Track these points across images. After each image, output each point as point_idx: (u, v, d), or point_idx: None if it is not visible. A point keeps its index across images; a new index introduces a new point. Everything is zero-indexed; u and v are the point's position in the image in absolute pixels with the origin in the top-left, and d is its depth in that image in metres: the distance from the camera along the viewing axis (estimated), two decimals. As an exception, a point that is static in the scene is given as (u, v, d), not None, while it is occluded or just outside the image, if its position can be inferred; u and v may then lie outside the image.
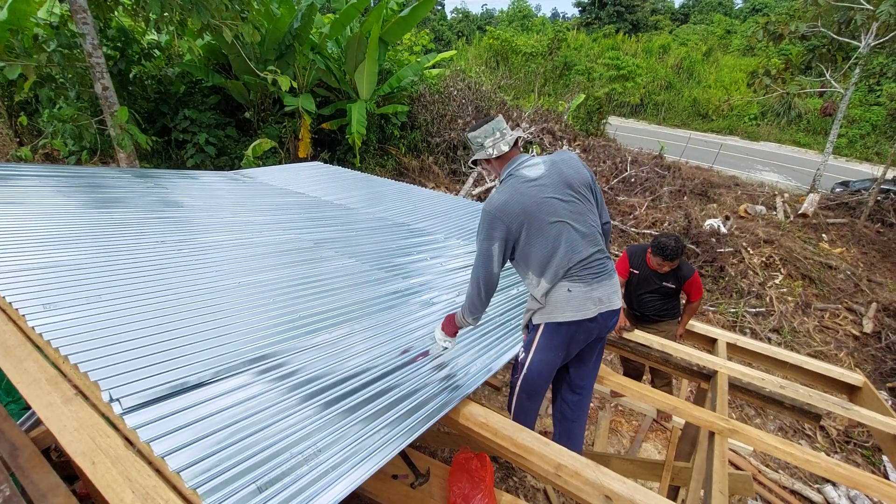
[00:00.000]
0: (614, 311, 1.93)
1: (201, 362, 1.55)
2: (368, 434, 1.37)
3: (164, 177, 4.72)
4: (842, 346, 7.84)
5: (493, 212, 1.85)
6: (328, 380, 1.59)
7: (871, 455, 5.87)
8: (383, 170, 10.41)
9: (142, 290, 2.01)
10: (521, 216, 1.82)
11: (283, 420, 1.36)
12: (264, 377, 1.54)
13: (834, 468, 1.56)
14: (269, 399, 1.43)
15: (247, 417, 1.34)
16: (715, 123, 27.87)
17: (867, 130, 23.94)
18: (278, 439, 1.28)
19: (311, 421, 1.38)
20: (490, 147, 1.97)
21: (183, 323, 1.78)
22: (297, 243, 3.12)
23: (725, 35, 34.68)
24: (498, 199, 1.87)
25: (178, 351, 1.59)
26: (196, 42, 9.14)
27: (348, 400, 1.51)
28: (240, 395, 1.43)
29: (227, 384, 1.47)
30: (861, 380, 2.52)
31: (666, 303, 3.16)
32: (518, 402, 2.07)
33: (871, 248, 11.12)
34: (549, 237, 1.83)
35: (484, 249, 1.87)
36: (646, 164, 12.88)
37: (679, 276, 3.06)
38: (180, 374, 1.47)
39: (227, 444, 1.23)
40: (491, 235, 1.85)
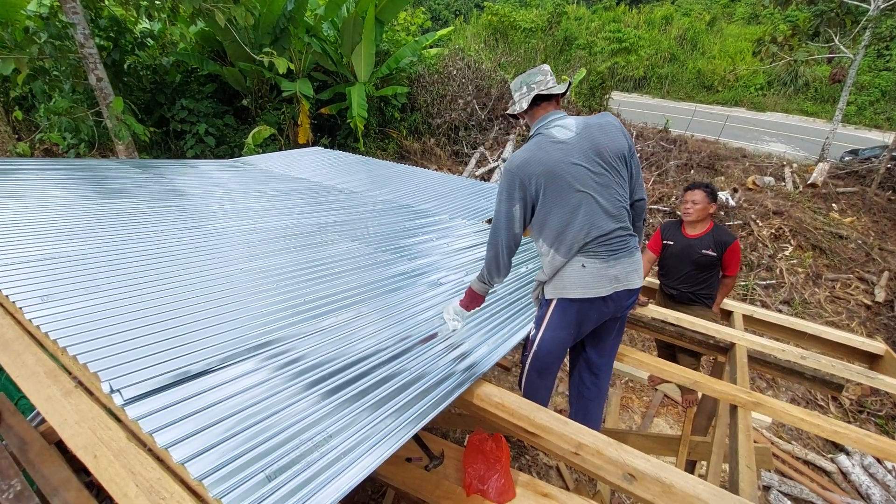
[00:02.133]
0: (632, 290, 1.83)
1: (204, 350, 1.50)
2: (379, 419, 1.32)
3: (164, 166, 4.65)
4: (854, 316, 7.76)
5: (513, 170, 1.76)
6: (335, 364, 1.54)
7: (885, 424, 5.84)
8: (384, 153, 10.28)
9: (142, 279, 1.96)
10: (541, 177, 1.73)
11: (290, 406, 1.31)
12: (269, 363, 1.49)
13: (864, 438, 1.50)
14: (274, 385, 1.39)
15: (253, 405, 1.29)
16: (720, 95, 27.27)
17: (877, 97, 23.36)
18: (286, 426, 1.23)
19: (319, 407, 1.33)
20: (517, 102, 1.88)
21: (185, 311, 1.73)
22: (300, 228, 3.06)
23: (729, 3, 33.69)
24: (519, 156, 1.78)
25: (180, 339, 1.54)
26: (189, 29, 8.96)
27: (357, 384, 1.46)
28: (244, 382, 1.38)
29: (232, 371, 1.42)
30: (883, 348, 2.45)
31: (703, 276, 2.95)
32: (528, 379, 2.01)
33: (882, 216, 10.91)
34: (568, 207, 1.72)
35: (505, 210, 1.79)
36: (651, 138, 12.65)
37: (719, 241, 2.89)
38: (182, 363, 1.42)
39: (232, 433, 1.18)
40: (512, 196, 1.77)
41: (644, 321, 2.70)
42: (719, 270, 2.98)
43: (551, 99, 1.88)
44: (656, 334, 2.73)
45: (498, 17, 23.69)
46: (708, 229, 2.94)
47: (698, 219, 2.92)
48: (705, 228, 2.95)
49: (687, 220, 2.97)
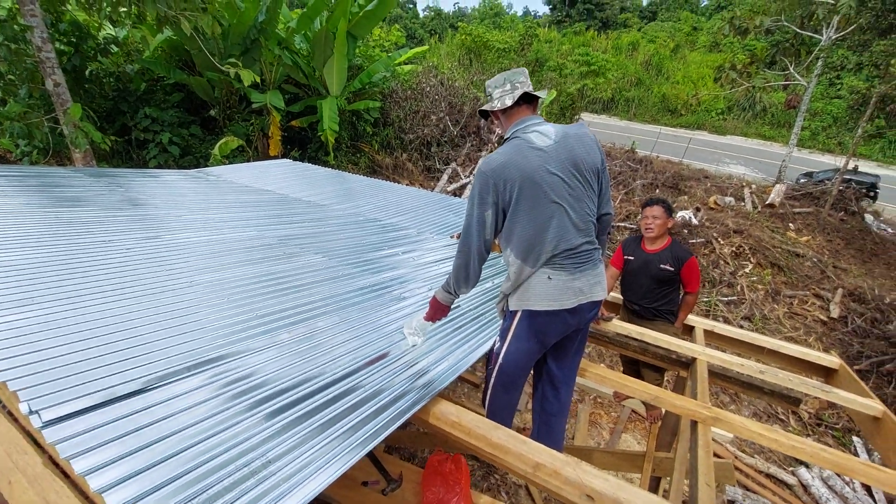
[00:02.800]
0: (596, 302, 1.82)
1: (141, 367, 1.39)
2: (326, 440, 1.23)
3: (122, 176, 4.46)
4: (811, 332, 8.04)
5: (488, 173, 1.69)
6: (283, 382, 1.45)
7: (842, 436, 6.02)
8: (356, 168, 10.21)
9: (81, 292, 1.82)
10: (516, 183, 1.66)
11: (229, 429, 1.22)
12: (211, 382, 1.38)
13: (819, 453, 1.51)
14: (214, 406, 1.29)
15: (188, 427, 1.19)
16: (684, 118, 28.46)
17: (829, 123, 24.83)
18: (222, 450, 1.14)
19: (261, 429, 1.24)
20: (497, 99, 1.82)
21: (124, 326, 1.61)
22: (260, 240, 2.95)
23: (692, 32, 35.49)
24: (496, 159, 1.71)
25: (116, 356, 1.43)
26: (157, 37, 8.76)
27: (305, 404, 1.37)
28: (182, 402, 1.28)
29: (169, 391, 1.31)
30: (837, 362, 2.51)
31: (662, 292, 2.99)
32: (493, 394, 1.95)
33: (835, 235, 11.48)
34: (541, 217, 1.68)
35: (477, 216, 1.72)
36: (619, 158, 13.02)
37: (676, 256, 2.94)
38: (115, 381, 1.31)
39: (161, 459, 1.08)
40: (484, 200, 1.70)
41: (608, 336, 2.70)
42: (679, 286, 3.03)
43: (532, 102, 1.85)
44: (620, 349, 2.73)
45: (472, 38, 24.19)
46: (666, 244, 3.00)
47: (659, 234, 2.98)
48: (664, 244, 3.01)
49: (648, 235, 3.02)
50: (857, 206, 13.29)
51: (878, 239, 12.07)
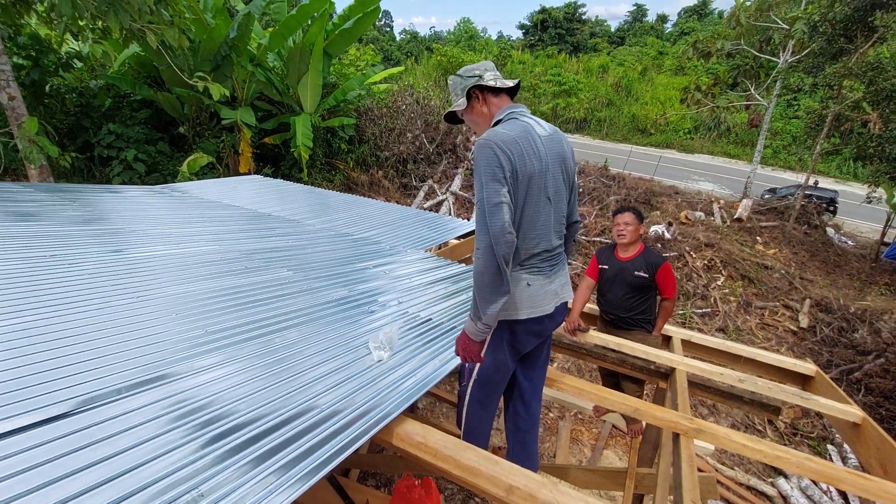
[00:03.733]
0: (565, 303, 1.75)
1: (76, 387, 1.24)
2: (270, 469, 1.09)
3: (79, 191, 4.24)
4: (782, 342, 8.18)
5: (499, 144, 1.43)
6: (228, 405, 1.31)
7: (817, 445, 6.06)
8: (331, 185, 10.08)
9: (21, 306, 1.66)
10: (525, 164, 1.45)
11: (161, 459, 1.07)
12: (148, 404, 1.23)
13: (805, 463, 1.45)
14: (150, 431, 1.14)
15: (111, 457, 1.04)
16: (653, 138, 29.38)
17: (788, 142, 26.00)
18: (150, 482, 0.99)
19: (197, 457, 1.10)
20: (491, 80, 1.63)
21: (64, 342, 1.46)
22: (223, 254, 2.79)
23: (658, 56, 36.98)
24: (503, 133, 1.47)
25: (51, 374, 1.27)
26: (123, 53, 8.56)
27: (251, 427, 1.22)
28: (114, 426, 1.13)
29: (101, 413, 1.16)
30: (813, 369, 2.49)
31: (639, 300, 2.96)
32: (470, 412, 1.82)
33: (800, 248, 11.85)
34: (532, 211, 1.51)
35: (491, 196, 1.40)
36: (592, 174, 13.24)
37: (649, 262, 2.92)
38: (48, 401, 1.16)
39: (86, 489, 0.93)
40: (496, 176, 1.41)
41: (586, 348, 2.62)
42: (654, 294, 3.00)
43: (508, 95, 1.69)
44: (599, 361, 2.65)
45: (447, 59, 24.56)
46: (639, 251, 3.00)
47: (632, 240, 2.97)
48: (637, 251, 3.00)
49: (621, 241, 3.01)
50: (819, 220, 13.81)
51: (839, 251, 12.52)
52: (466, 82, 1.65)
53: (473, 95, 1.65)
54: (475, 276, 1.45)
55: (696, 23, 41.99)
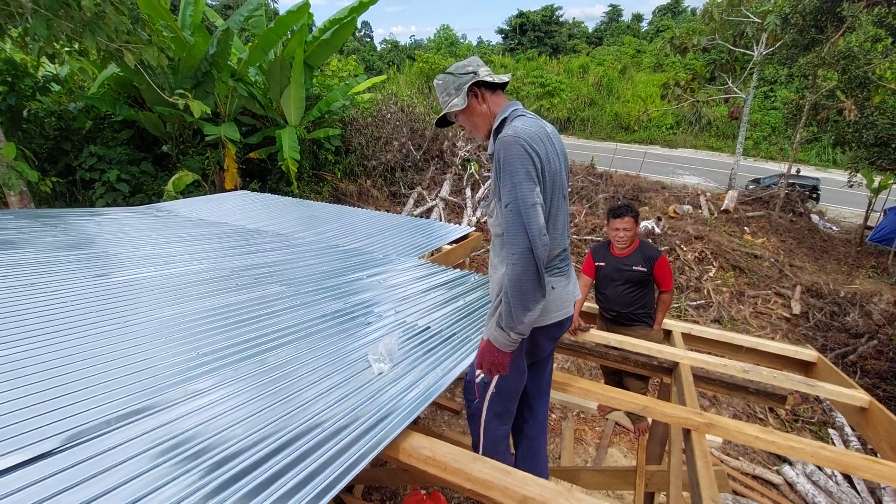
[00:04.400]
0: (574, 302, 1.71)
1: (60, 422, 1.17)
2: (269, 499, 1.03)
3: (61, 215, 4.13)
4: (776, 329, 8.25)
5: (528, 141, 1.34)
6: (224, 430, 1.25)
7: (819, 429, 6.09)
8: (319, 196, 10.00)
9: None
10: (548, 161, 1.39)
11: (157, 493, 1.01)
12: (139, 436, 1.17)
13: (820, 452, 1.42)
14: (142, 464, 1.08)
15: (108, 492, 0.98)
16: (637, 135, 29.72)
17: (768, 133, 26.46)
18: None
19: (190, 491, 1.04)
20: (488, 75, 1.52)
21: (47, 374, 1.39)
22: (211, 273, 2.73)
23: (637, 54, 37.50)
24: (526, 128, 1.38)
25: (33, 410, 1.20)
26: (102, 74, 8.43)
27: (249, 453, 1.17)
28: (104, 461, 1.06)
29: (89, 449, 1.10)
30: (814, 355, 2.48)
31: (638, 294, 2.94)
32: (488, 428, 1.66)
33: (787, 235, 12.01)
34: (552, 211, 1.45)
35: (526, 196, 1.31)
36: (580, 173, 13.32)
37: (646, 256, 2.91)
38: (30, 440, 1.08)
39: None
40: (530, 174, 1.33)
41: (587, 347, 2.59)
42: (653, 287, 2.99)
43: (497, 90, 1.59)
44: (601, 360, 2.63)
45: (429, 65, 24.68)
46: (635, 246, 2.98)
47: (629, 243, 2.95)
48: (633, 246, 2.98)
49: (619, 246, 2.98)
50: (804, 208, 14.03)
51: (825, 237, 12.71)
52: (461, 80, 1.53)
53: (472, 93, 1.53)
54: (512, 284, 1.35)
55: (670, 20, 42.68)
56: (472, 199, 10.55)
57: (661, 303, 2.97)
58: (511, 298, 1.35)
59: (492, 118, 1.55)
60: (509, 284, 1.35)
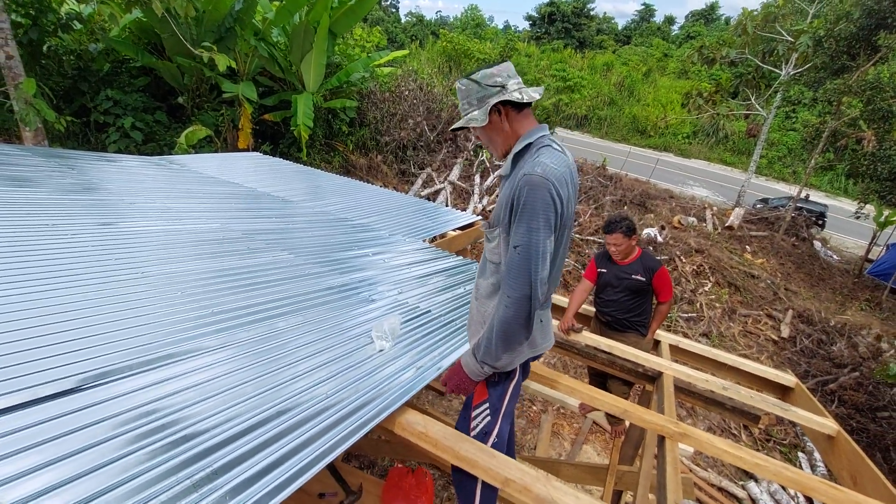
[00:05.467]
0: None
1: (73, 364, 1.25)
2: (277, 452, 1.13)
3: (76, 157, 4.18)
4: (763, 350, 8.38)
5: (556, 186, 1.27)
6: (232, 389, 1.34)
7: (789, 451, 6.27)
8: (329, 166, 10.01)
9: (14, 276, 1.65)
10: (569, 207, 1.35)
11: (180, 433, 1.10)
12: (152, 384, 1.26)
13: (782, 472, 1.52)
14: (152, 410, 1.17)
15: (121, 434, 1.07)
16: (652, 140, 29.51)
17: (784, 153, 26.28)
18: (160, 461, 1.03)
19: (215, 432, 1.13)
20: (515, 90, 1.36)
21: (61, 317, 1.46)
22: (224, 233, 2.80)
23: (663, 58, 36.96)
24: (554, 168, 1.29)
25: (47, 350, 1.29)
26: (125, 17, 8.35)
27: (254, 413, 1.26)
28: (117, 405, 1.15)
29: (103, 392, 1.18)
30: (794, 381, 2.58)
31: (635, 302, 3.04)
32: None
33: (787, 259, 12.07)
34: (563, 252, 1.44)
35: (540, 242, 1.27)
36: (590, 173, 13.30)
37: (647, 266, 3.01)
38: (42, 379, 1.17)
39: (90, 469, 0.96)
40: (549, 221, 1.27)
41: (577, 347, 2.69)
42: (651, 297, 3.09)
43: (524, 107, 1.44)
44: (588, 361, 2.73)
45: (453, 45, 24.34)
46: (636, 256, 3.08)
47: (625, 255, 3.06)
48: (634, 256, 3.09)
49: (615, 257, 3.09)
50: (808, 233, 14.05)
51: (825, 265, 12.78)
52: (486, 92, 1.38)
53: (495, 110, 1.39)
54: (501, 325, 1.32)
55: (702, 27, 41.94)
56: (481, 187, 10.56)
57: (657, 312, 3.07)
58: (495, 337, 1.34)
59: (514, 139, 1.42)
60: (498, 325, 1.33)
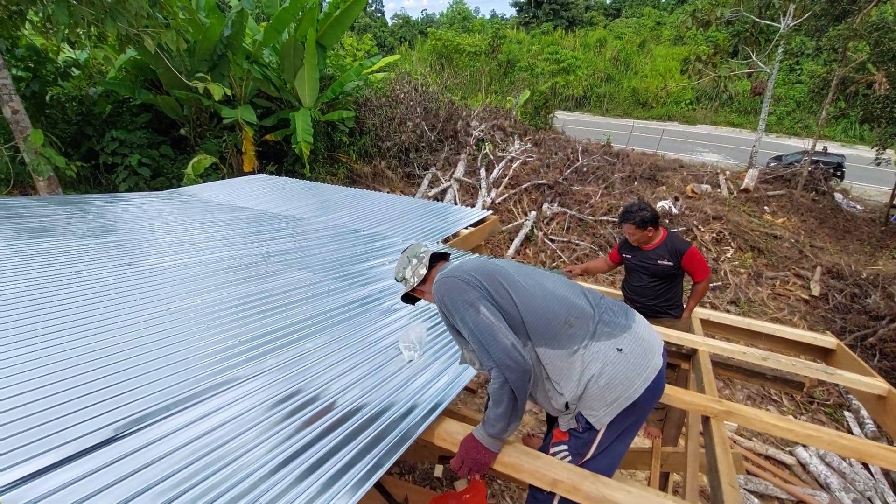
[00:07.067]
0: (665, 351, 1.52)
1: (110, 413, 1.27)
2: (321, 479, 1.13)
3: (91, 202, 4.28)
4: (794, 311, 8.18)
5: (451, 275, 1.42)
6: (281, 409, 1.34)
7: (834, 412, 6.11)
8: (334, 178, 10.06)
9: (44, 329, 1.69)
10: (485, 271, 1.43)
11: (213, 475, 1.11)
12: (191, 423, 1.27)
13: (837, 440, 1.47)
14: (194, 450, 1.17)
15: (166, 478, 1.08)
16: (655, 111, 29.01)
17: (792, 107, 25.60)
18: (208, 500, 1.03)
19: (251, 470, 1.14)
20: (412, 276, 1.60)
21: (92, 365, 1.49)
22: (241, 259, 2.82)
23: (656, 27, 36.26)
24: (446, 269, 1.50)
25: (82, 402, 1.30)
26: (120, 58, 8.50)
27: (299, 437, 1.26)
28: (157, 449, 1.16)
29: (142, 437, 1.20)
30: (834, 342, 2.50)
31: (664, 287, 2.94)
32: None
33: (809, 215, 11.76)
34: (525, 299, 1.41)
35: (475, 322, 1.30)
36: (595, 153, 13.13)
37: (673, 249, 2.89)
38: (82, 431, 1.18)
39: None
40: (468, 301, 1.33)
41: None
42: (681, 280, 2.99)
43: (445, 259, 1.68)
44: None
45: (442, 42, 24.24)
46: (661, 240, 2.96)
47: (643, 241, 2.95)
48: (659, 240, 2.96)
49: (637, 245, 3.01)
50: (827, 186, 13.67)
51: (848, 216, 12.42)
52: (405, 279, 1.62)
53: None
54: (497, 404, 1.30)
55: (693, -11, 41.02)
56: (487, 180, 10.51)
57: (694, 292, 2.93)
58: (502, 411, 1.29)
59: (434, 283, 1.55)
60: (492, 397, 1.31)
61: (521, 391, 1.26)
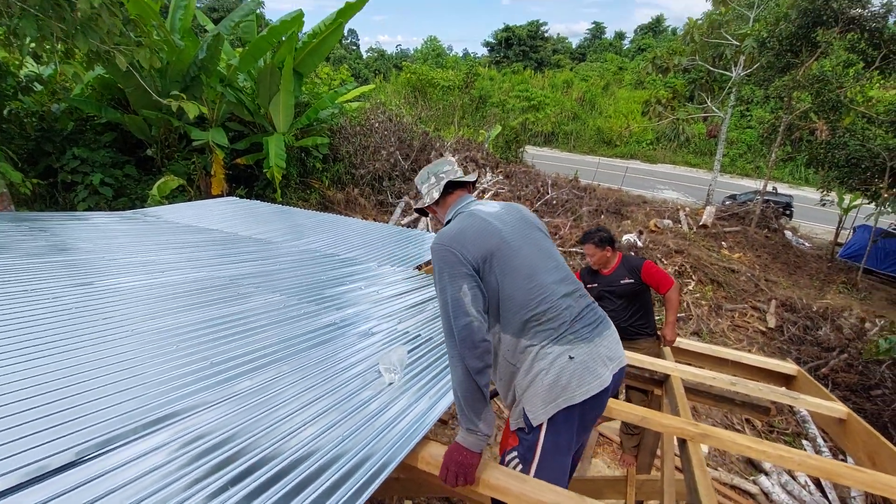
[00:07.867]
0: (623, 368, 1.56)
1: (70, 436, 1.17)
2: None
3: (45, 219, 4.05)
4: (753, 342, 8.50)
5: (446, 244, 1.44)
6: (245, 439, 1.27)
7: (792, 440, 6.29)
8: (306, 204, 9.96)
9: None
10: (482, 246, 1.44)
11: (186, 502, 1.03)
12: (163, 446, 1.19)
13: (806, 461, 1.52)
14: (166, 474, 1.10)
15: (139, 501, 1.00)
16: (618, 149, 30.44)
17: (744, 150, 27.41)
18: None
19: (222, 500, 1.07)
20: (426, 195, 1.76)
21: (51, 386, 1.38)
22: (210, 281, 2.72)
23: (619, 71, 38.52)
24: (449, 231, 1.50)
25: (40, 423, 1.20)
26: (88, 74, 8.29)
27: (271, 465, 1.20)
28: (122, 474, 1.08)
29: (105, 461, 1.11)
30: (795, 368, 2.61)
31: (634, 307, 3.00)
32: None
33: (762, 251, 12.42)
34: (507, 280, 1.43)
35: (452, 296, 1.35)
36: (564, 187, 13.57)
37: (630, 267, 3.00)
38: (39, 455, 1.09)
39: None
40: (453, 274, 1.38)
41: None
42: (648, 299, 3.10)
43: (464, 186, 1.76)
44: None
45: (417, 75, 24.87)
46: (618, 262, 3.12)
47: (602, 262, 3.09)
48: (615, 263, 3.12)
49: (596, 268, 3.14)
50: (778, 224, 14.53)
51: (798, 252, 13.19)
52: (422, 192, 1.79)
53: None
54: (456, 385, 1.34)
55: (651, 39, 44.03)
56: (460, 210, 10.66)
57: (667, 303, 2.96)
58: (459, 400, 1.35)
59: (446, 214, 1.74)
60: (455, 386, 1.35)
61: (480, 374, 1.31)
